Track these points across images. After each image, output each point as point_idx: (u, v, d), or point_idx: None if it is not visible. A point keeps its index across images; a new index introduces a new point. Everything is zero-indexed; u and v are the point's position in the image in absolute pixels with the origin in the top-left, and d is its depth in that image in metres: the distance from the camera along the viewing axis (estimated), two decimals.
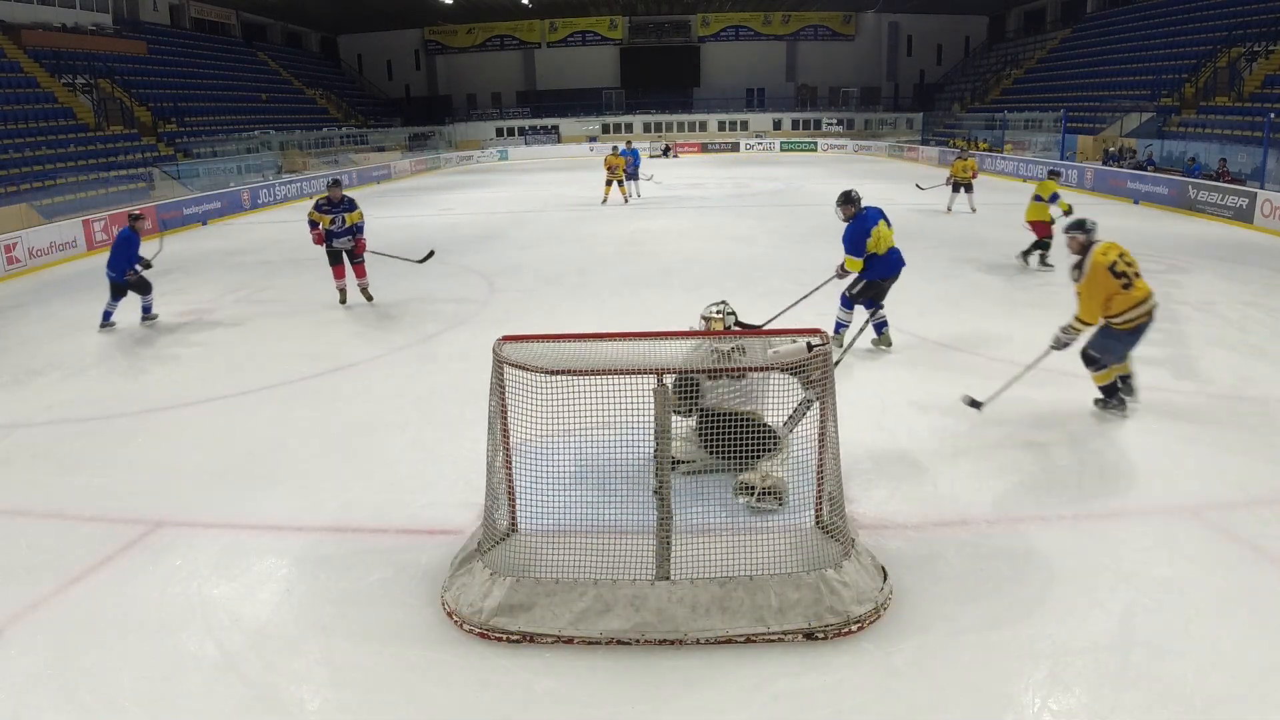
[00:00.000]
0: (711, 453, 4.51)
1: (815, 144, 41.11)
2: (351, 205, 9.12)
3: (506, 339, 3.60)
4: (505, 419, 3.57)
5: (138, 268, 8.83)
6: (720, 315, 5.27)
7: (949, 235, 13.71)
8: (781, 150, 41.22)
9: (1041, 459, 4.95)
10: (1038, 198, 10.55)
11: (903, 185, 19.98)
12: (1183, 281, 9.57)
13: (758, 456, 4.40)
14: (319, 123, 34.30)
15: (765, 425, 4.45)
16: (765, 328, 6.68)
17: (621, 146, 20.59)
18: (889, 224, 6.80)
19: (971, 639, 3.31)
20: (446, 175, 32.83)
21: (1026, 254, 10.78)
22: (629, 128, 44.26)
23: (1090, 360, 5.55)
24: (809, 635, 3.31)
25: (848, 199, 6.80)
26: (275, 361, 7.47)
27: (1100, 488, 4.56)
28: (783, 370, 3.68)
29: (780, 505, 4.23)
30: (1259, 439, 5.17)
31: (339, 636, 3.44)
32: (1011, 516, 4.29)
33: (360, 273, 9.45)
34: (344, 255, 9.28)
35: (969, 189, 16.02)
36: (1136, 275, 5.27)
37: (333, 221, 9.03)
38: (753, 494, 4.34)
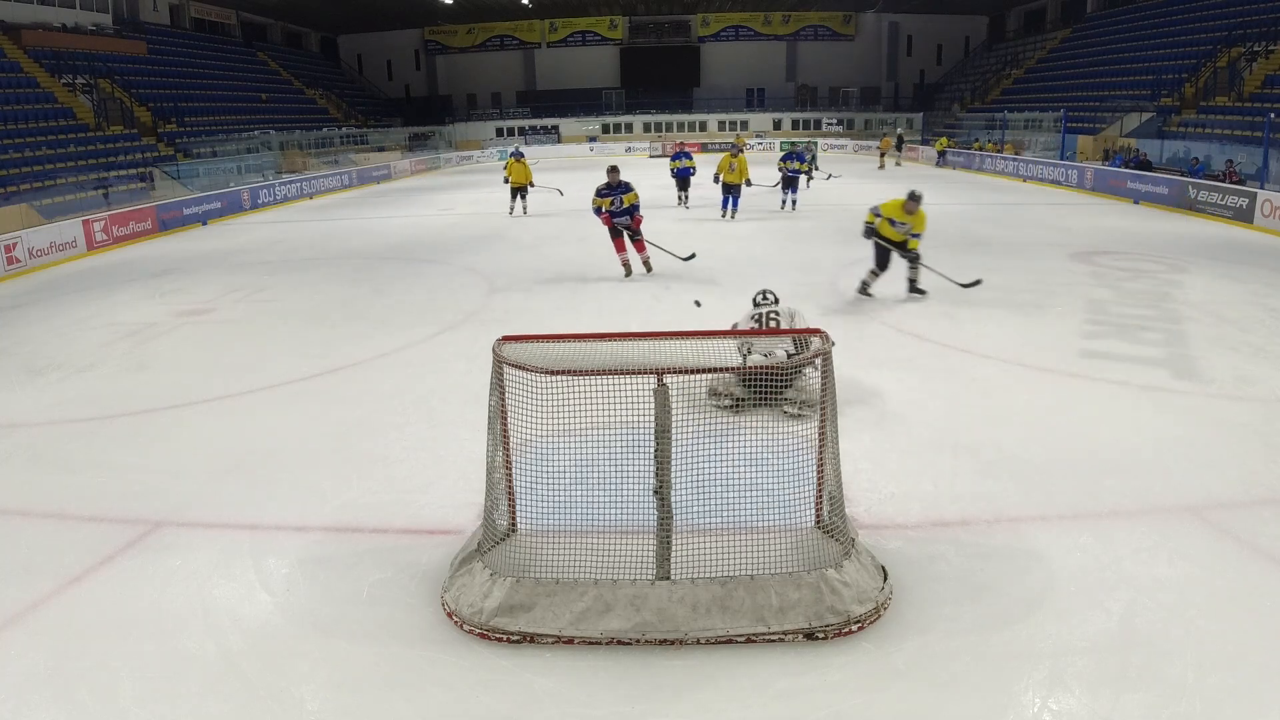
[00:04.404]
0: (754, 391, 5.37)
1: (815, 144, 41.08)
2: (628, 188, 10.14)
3: (506, 339, 3.60)
4: (505, 419, 3.57)
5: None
6: (767, 304, 6.21)
7: (949, 235, 13.70)
8: (781, 150, 41.19)
9: (1041, 459, 4.94)
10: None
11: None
12: (1183, 281, 9.57)
13: (789, 385, 5.36)
14: (319, 123, 34.31)
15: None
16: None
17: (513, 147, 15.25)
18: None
19: (971, 639, 3.30)
20: (446, 175, 32.82)
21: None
22: (629, 128, 44.30)
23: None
24: (809, 635, 3.31)
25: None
26: (275, 361, 7.47)
27: (1100, 488, 4.56)
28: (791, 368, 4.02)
29: (814, 413, 4.48)
30: (1259, 439, 5.17)
31: (339, 636, 3.43)
32: (1011, 516, 4.29)
33: (640, 248, 10.45)
34: (624, 232, 10.29)
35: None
36: None
37: (612, 203, 10.12)
38: (795, 405, 5.23)
